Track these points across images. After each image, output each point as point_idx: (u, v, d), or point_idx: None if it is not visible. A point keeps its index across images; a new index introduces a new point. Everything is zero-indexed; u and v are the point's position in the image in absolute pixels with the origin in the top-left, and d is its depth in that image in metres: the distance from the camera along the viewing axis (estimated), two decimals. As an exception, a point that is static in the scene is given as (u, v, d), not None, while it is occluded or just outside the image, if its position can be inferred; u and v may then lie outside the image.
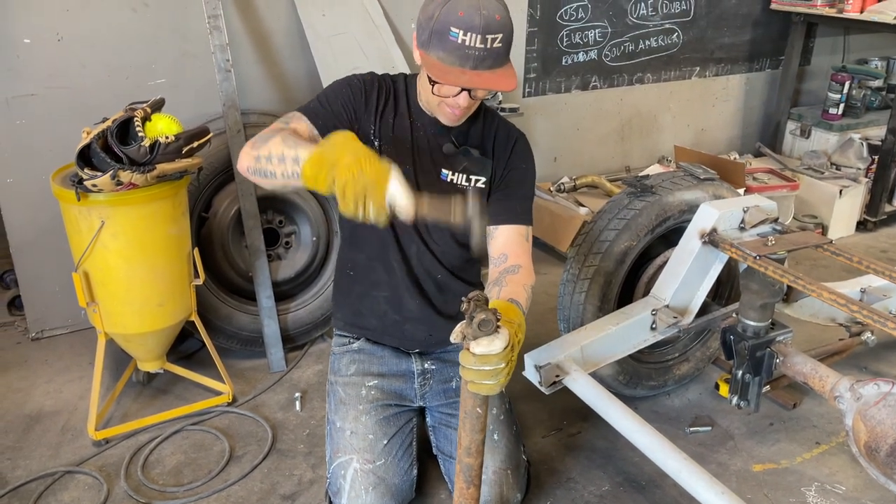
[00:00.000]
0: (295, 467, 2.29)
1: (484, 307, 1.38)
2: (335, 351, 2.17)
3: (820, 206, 4.11)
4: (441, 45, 1.62)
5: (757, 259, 2.04)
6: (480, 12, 1.58)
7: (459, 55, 1.61)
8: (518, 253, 1.86)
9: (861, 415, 1.78)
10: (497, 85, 1.65)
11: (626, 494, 2.22)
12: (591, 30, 3.99)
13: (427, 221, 1.42)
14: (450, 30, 1.59)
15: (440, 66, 1.64)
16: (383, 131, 1.86)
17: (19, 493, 2.16)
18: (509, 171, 1.93)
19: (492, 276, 1.84)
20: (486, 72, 1.63)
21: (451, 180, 1.90)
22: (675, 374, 2.66)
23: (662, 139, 4.54)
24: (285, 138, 1.57)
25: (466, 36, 1.59)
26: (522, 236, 1.90)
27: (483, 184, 1.92)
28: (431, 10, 1.64)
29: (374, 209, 1.39)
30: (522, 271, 1.80)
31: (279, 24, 3.04)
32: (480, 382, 1.43)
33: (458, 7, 1.59)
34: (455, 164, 1.89)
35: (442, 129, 1.87)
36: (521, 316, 1.60)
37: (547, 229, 3.74)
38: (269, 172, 1.56)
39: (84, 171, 2.08)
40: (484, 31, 1.59)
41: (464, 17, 1.58)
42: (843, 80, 4.43)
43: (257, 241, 2.74)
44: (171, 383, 2.67)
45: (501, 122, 1.97)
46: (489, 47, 1.61)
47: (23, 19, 2.60)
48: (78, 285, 2.24)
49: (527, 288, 1.76)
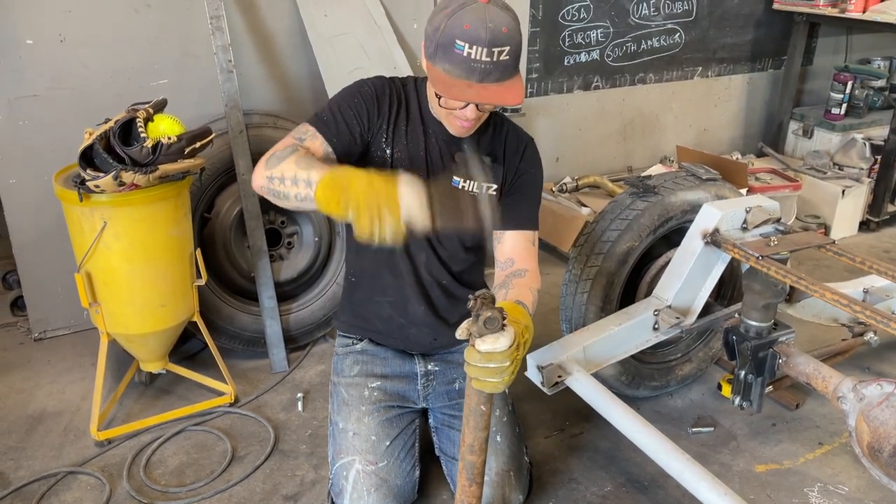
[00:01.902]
0: (297, 468, 2.29)
1: (490, 305, 1.38)
2: (338, 352, 2.17)
3: (822, 206, 4.10)
4: (447, 57, 1.59)
5: (760, 259, 2.04)
6: (486, 25, 1.54)
7: (465, 68, 1.58)
8: (525, 257, 1.86)
9: (864, 415, 1.78)
10: (503, 100, 1.61)
11: (628, 495, 2.21)
12: (593, 30, 3.98)
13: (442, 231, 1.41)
14: (455, 42, 1.56)
15: (446, 79, 1.61)
16: (396, 139, 1.84)
17: (22, 493, 2.17)
18: (519, 176, 1.93)
19: (498, 279, 1.84)
20: (492, 85, 1.60)
21: (463, 188, 1.86)
22: (678, 375, 2.66)
23: (665, 139, 4.54)
24: (299, 160, 1.55)
25: (472, 49, 1.55)
26: (529, 241, 1.90)
27: (494, 191, 1.90)
28: (438, 22, 1.60)
29: (390, 227, 1.36)
30: (529, 275, 1.80)
31: (281, 24, 3.04)
32: (485, 380, 1.43)
33: (464, 20, 1.55)
34: (466, 171, 1.86)
35: (453, 136, 1.85)
36: (528, 317, 1.60)
37: (549, 229, 3.74)
38: (282, 194, 1.55)
39: (87, 171, 2.08)
40: (490, 44, 1.55)
41: (469, 30, 1.54)
42: (845, 80, 4.42)
43: (259, 241, 2.74)
44: (173, 384, 2.67)
45: (511, 127, 1.96)
46: (495, 60, 1.57)
47: (25, 20, 2.60)
48: (80, 286, 2.24)
49: (533, 291, 1.76)
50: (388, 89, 1.83)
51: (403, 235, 1.38)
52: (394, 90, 1.84)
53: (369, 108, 1.79)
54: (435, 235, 1.93)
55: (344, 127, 1.76)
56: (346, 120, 1.76)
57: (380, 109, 1.81)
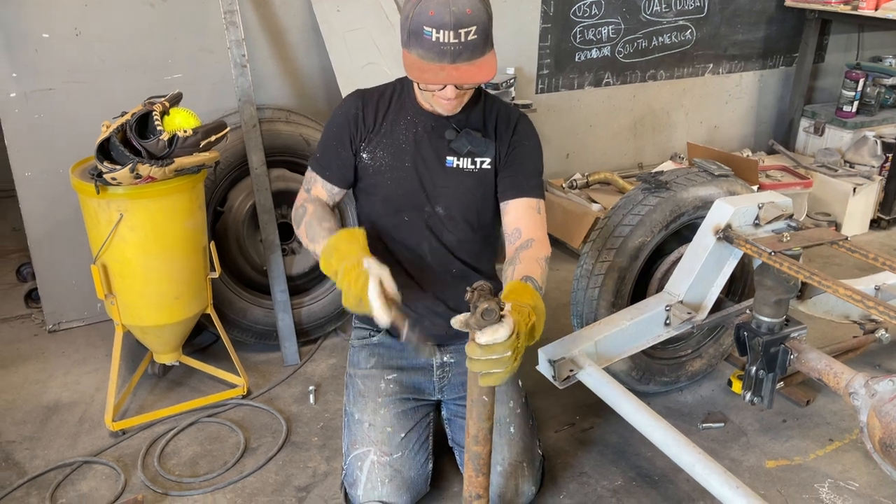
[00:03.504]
0: (309, 459, 2.31)
1: (487, 296, 1.39)
2: (354, 344, 2.19)
3: (833, 203, 4.09)
4: (419, 43, 1.68)
5: (772, 255, 2.04)
6: (450, 9, 1.63)
7: (436, 52, 1.67)
8: (530, 226, 1.88)
9: (876, 411, 1.78)
10: (475, 77, 1.70)
11: (638, 489, 2.22)
12: (604, 26, 3.98)
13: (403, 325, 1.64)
14: (423, 29, 1.66)
15: (420, 63, 1.70)
16: (382, 141, 1.94)
17: (38, 482, 2.19)
18: (513, 148, 1.96)
19: (508, 254, 1.86)
20: (464, 64, 1.68)
21: (457, 165, 1.94)
22: (688, 371, 2.66)
23: (675, 136, 4.53)
24: (308, 228, 1.87)
25: (440, 33, 1.64)
26: (534, 209, 1.92)
27: (488, 164, 1.95)
28: (407, 11, 1.70)
29: (367, 308, 1.59)
30: (536, 244, 1.82)
31: (294, 19, 3.05)
32: (488, 372, 1.45)
33: (430, 6, 1.65)
34: (458, 149, 1.93)
35: (442, 118, 1.91)
36: (537, 296, 1.60)
37: (559, 226, 3.74)
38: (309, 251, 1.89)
39: (103, 164, 2.10)
40: (455, 26, 1.63)
41: (434, 16, 1.63)
42: (857, 77, 4.40)
43: (272, 235, 2.76)
44: (186, 376, 2.69)
45: (501, 104, 2.01)
46: (464, 41, 1.66)
47: (41, 14, 2.62)
48: (96, 277, 2.26)
49: (540, 261, 1.77)
50: (360, 103, 1.96)
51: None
52: (370, 99, 1.97)
53: (350, 130, 1.95)
54: (439, 222, 1.98)
55: (335, 161, 1.97)
56: (335, 153, 1.96)
57: (357, 126, 1.95)
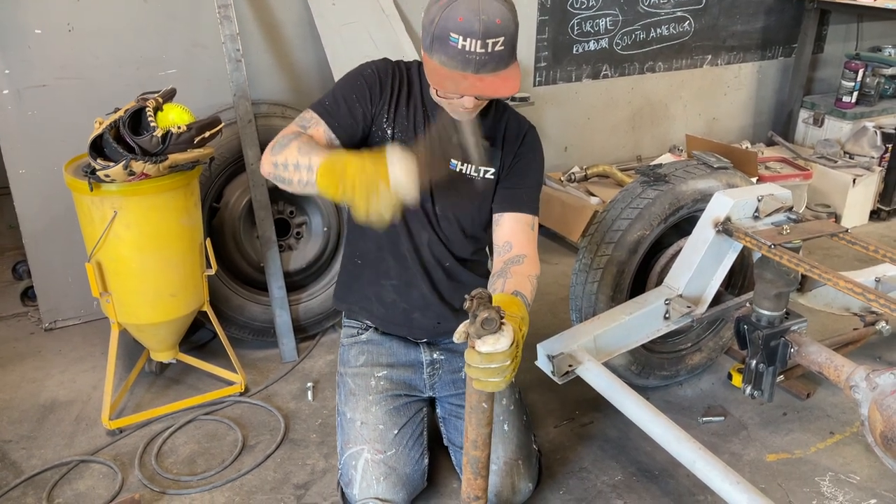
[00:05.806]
0: (307, 457, 2.30)
1: (487, 304, 1.36)
2: (344, 342, 2.18)
3: (833, 195, 4.08)
4: (442, 49, 1.61)
5: (772, 248, 2.03)
6: (480, 17, 1.56)
7: (460, 60, 1.60)
8: (523, 242, 1.85)
9: (877, 404, 1.77)
10: (498, 90, 1.63)
11: (638, 484, 2.21)
12: (602, 18, 3.96)
13: (433, 188, 1.54)
14: (450, 35, 1.58)
15: (441, 70, 1.63)
16: (398, 119, 1.86)
17: (35, 481, 2.18)
18: (518, 159, 1.93)
19: (496, 266, 1.83)
20: (488, 75, 1.62)
21: (461, 170, 1.91)
22: (688, 364, 2.65)
23: (674, 128, 4.51)
24: (301, 146, 1.62)
25: (466, 41, 1.57)
26: (528, 225, 1.89)
27: (492, 174, 1.92)
28: (433, 14, 1.62)
29: (383, 200, 1.42)
30: (527, 261, 1.79)
31: (289, 13, 3.03)
32: (486, 380, 1.43)
33: (458, 12, 1.57)
34: (464, 154, 1.89)
35: (452, 120, 1.87)
36: (524, 309, 1.60)
37: (557, 219, 3.73)
38: (286, 179, 1.63)
39: (97, 161, 2.09)
40: (484, 35, 1.57)
41: (463, 22, 1.56)
42: (856, 67, 4.38)
43: (269, 231, 2.74)
44: (183, 373, 2.68)
45: (512, 114, 1.97)
46: (490, 51, 1.59)
47: (34, 10, 2.60)
48: (91, 275, 2.25)
49: (531, 279, 1.75)
50: (391, 71, 1.86)
51: (397, 207, 1.45)
52: (397, 73, 1.87)
53: (371, 89, 1.83)
54: (434, 213, 1.94)
55: (346, 112, 1.80)
56: (348, 105, 1.80)
57: (382, 91, 1.84)
